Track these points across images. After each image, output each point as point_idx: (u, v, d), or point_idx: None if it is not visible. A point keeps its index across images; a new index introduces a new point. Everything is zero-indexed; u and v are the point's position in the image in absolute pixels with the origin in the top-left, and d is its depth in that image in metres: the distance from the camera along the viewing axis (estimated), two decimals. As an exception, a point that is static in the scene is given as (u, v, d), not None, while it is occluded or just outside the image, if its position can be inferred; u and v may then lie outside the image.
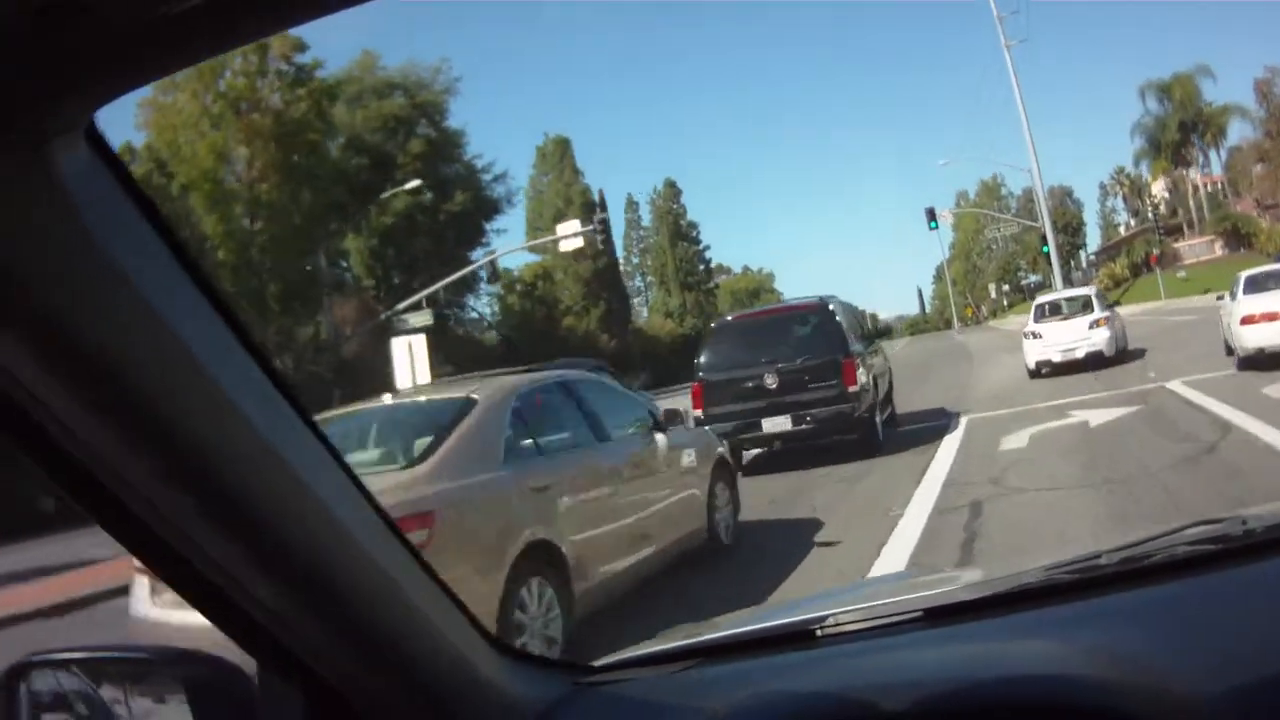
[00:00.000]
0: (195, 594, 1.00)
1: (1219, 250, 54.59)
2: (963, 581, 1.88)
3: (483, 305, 50.10)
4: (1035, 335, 18.57)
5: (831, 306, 12.95)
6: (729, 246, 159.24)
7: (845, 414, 12.12)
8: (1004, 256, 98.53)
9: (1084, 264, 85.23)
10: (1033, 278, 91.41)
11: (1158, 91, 61.43)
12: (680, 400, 13.76)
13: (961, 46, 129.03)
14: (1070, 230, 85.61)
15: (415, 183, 35.21)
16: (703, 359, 13.17)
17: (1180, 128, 59.89)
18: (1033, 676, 1.18)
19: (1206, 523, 1.61)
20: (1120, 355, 18.42)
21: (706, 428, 10.59)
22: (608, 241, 66.38)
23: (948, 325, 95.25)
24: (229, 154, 34.33)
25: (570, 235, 31.52)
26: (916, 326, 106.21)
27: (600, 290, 58.60)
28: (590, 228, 32.27)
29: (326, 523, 0.99)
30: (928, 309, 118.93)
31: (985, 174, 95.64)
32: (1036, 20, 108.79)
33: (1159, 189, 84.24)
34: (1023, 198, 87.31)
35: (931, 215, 45.89)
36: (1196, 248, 56.32)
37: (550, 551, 5.35)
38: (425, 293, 29.36)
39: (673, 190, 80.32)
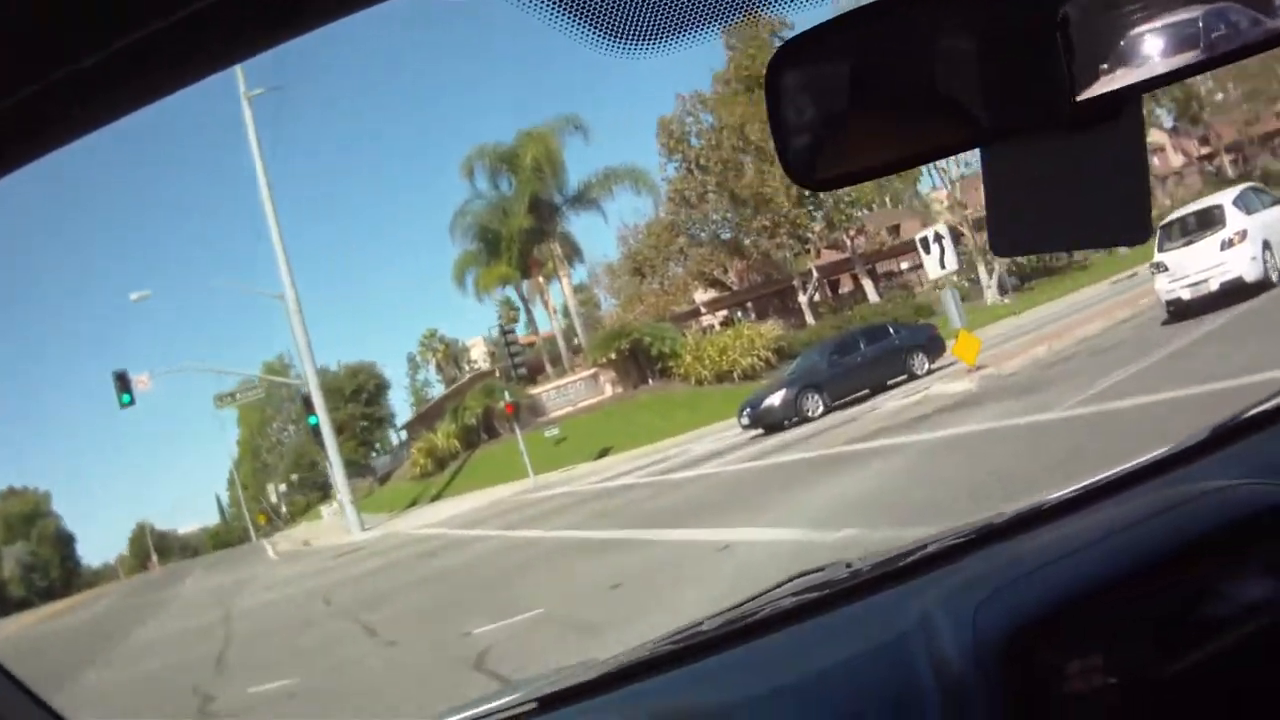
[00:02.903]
0: None
1: (610, 388, 35.55)
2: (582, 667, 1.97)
3: None
4: (1160, 268, 15.77)
5: None
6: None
7: None
8: (296, 448, 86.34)
9: (394, 442, 71.16)
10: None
11: (494, 163, 42.00)
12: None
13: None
14: (368, 398, 70.07)
15: None
16: None
17: (535, 208, 40.44)
18: None
19: (809, 573, 1.79)
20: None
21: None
22: None
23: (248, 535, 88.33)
24: None
25: None
26: (218, 538, 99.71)
27: None
28: None
29: None
30: (227, 516, 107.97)
31: (269, 353, 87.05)
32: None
33: (480, 352, 71.05)
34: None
35: (124, 385, 33.43)
36: (570, 390, 37.30)
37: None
38: None
39: None
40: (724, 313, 44.15)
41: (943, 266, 16.78)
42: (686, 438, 27.94)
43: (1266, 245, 15.25)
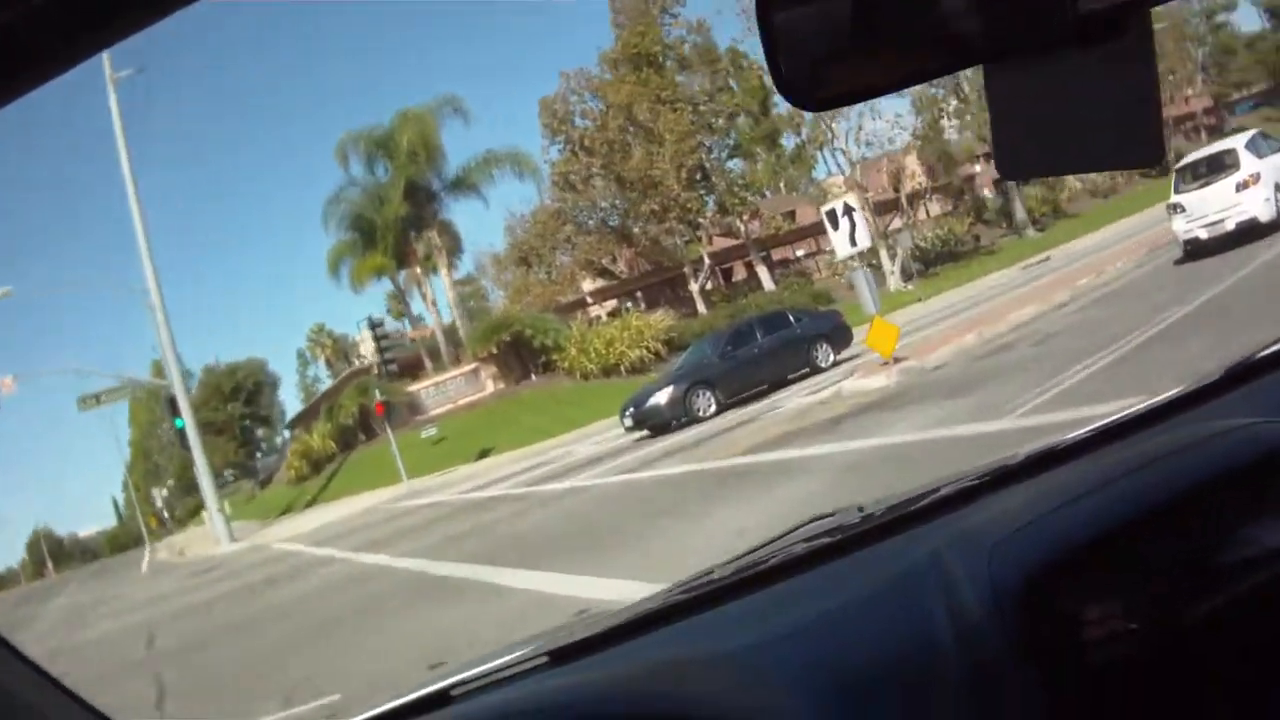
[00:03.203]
0: None
1: (492, 384, 33.26)
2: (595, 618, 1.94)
3: None
4: (1178, 208, 16.31)
5: None
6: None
7: None
8: (183, 450, 79.94)
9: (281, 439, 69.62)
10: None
11: (369, 147, 39.13)
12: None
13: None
14: (248, 397, 67.39)
15: None
16: None
17: (411, 194, 37.75)
18: (641, 695, 1.34)
19: (821, 518, 1.76)
20: None
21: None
22: None
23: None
24: None
25: None
26: (116, 541, 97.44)
27: None
28: None
29: None
30: (124, 519, 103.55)
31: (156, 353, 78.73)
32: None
33: (369, 349, 68.31)
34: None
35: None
36: (450, 386, 34.84)
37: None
38: None
39: None
40: (613, 303, 41.90)
41: (853, 243, 14.48)
42: (571, 437, 25.84)
43: (1278, 187, 15.93)
